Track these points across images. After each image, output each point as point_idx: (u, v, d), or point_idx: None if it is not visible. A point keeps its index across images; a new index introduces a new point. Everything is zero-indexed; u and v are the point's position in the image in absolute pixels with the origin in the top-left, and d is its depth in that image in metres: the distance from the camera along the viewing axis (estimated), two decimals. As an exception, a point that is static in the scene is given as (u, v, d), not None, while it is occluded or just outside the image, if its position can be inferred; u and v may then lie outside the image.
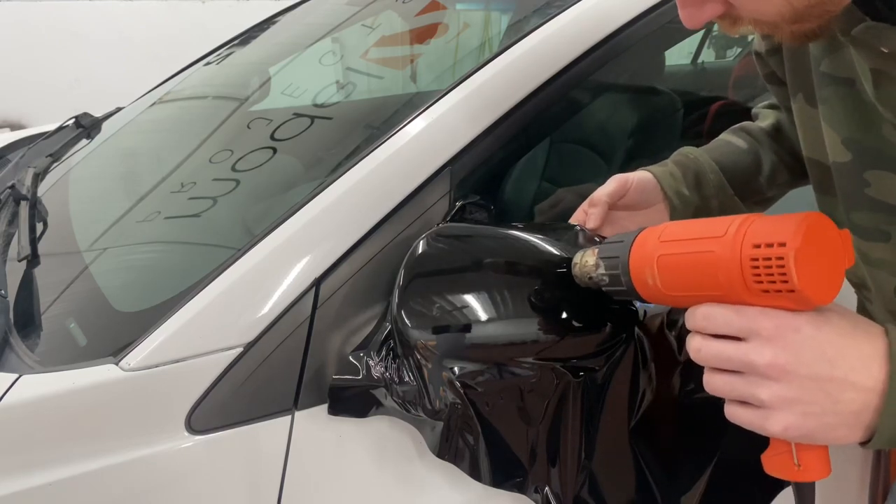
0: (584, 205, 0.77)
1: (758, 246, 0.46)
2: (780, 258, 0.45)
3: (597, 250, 0.61)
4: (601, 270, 0.59)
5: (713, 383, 0.51)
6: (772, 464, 0.52)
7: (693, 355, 0.52)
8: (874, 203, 0.61)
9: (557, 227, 0.76)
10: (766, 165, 0.84)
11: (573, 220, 0.77)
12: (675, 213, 0.79)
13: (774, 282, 0.46)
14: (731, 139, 0.86)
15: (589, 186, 0.80)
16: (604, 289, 0.60)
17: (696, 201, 0.80)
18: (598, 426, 0.68)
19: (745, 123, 0.89)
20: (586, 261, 0.61)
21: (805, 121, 0.68)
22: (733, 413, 0.51)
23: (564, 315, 0.67)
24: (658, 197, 0.79)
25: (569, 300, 0.68)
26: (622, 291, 0.58)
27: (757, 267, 0.46)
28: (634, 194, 0.78)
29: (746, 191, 0.83)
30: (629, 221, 0.78)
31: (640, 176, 0.79)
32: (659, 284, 0.53)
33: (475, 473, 0.68)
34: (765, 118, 0.88)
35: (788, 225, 0.45)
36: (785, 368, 0.47)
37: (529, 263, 0.70)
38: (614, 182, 0.77)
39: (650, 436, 0.71)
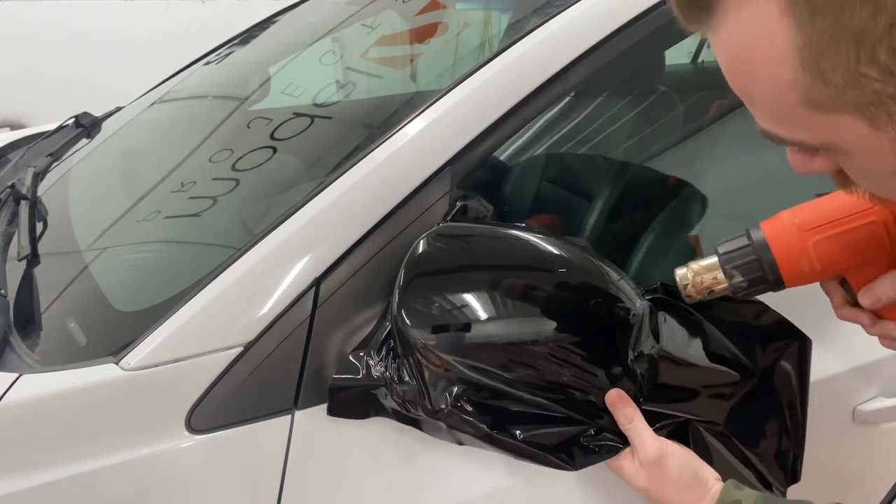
0: None
1: None
2: None
3: (711, 265, 0.66)
4: (737, 279, 0.64)
5: None
6: None
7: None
8: None
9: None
10: None
11: None
12: None
13: None
14: None
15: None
16: (739, 294, 0.65)
17: None
18: None
19: None
20: (702, 279, 0.66)
21: None
22: None
23: (564, 314, 0.67)
24: None
25: (568, 299, 0.68)
26: (761, 289, 0.64)
27: None
28: None
29: None
30: None
31: None
32: (818, 267, 0.60)
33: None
34: None
35: None
36: None
37: (529, 263, 0.70)
38: None
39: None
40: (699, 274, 0.67)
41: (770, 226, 0.63)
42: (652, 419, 0.71)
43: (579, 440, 0.70)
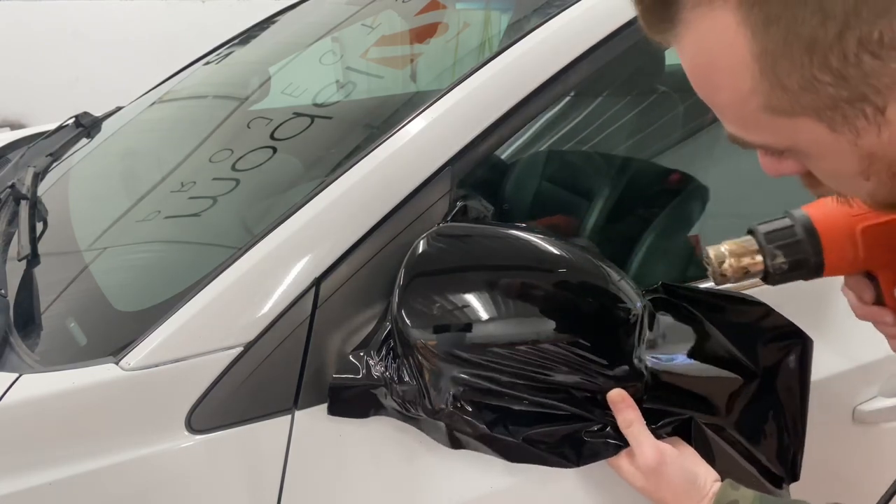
0: None
1: None
2: None
3: (750, 246, 0.61)
4: (779, 260, 0.60)
5: None
6: None
7: None
8: None
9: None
10: None
11: None
12: None
13: None
14: None
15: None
16: (775, 279, 0.61)
17: None
18: None
19: None
20: (739, 259, 0.61)
21: None
22: None
23: (564, 314, 0.67)
24: None
25: (568, 299, 0.68)
26: (799, 275, 0.60)
27: None
28: None
29: None
30: None
31: None
32: (862, 255, 0.57)
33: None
34: None
35: None
36: None
37: (529, 263, 0.70)
38: None
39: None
40: (736, 254, 0.61)
41: (815, 209, 0.60)
42: (655, 417, 0.70)
43: (581, 436, 0.70)
